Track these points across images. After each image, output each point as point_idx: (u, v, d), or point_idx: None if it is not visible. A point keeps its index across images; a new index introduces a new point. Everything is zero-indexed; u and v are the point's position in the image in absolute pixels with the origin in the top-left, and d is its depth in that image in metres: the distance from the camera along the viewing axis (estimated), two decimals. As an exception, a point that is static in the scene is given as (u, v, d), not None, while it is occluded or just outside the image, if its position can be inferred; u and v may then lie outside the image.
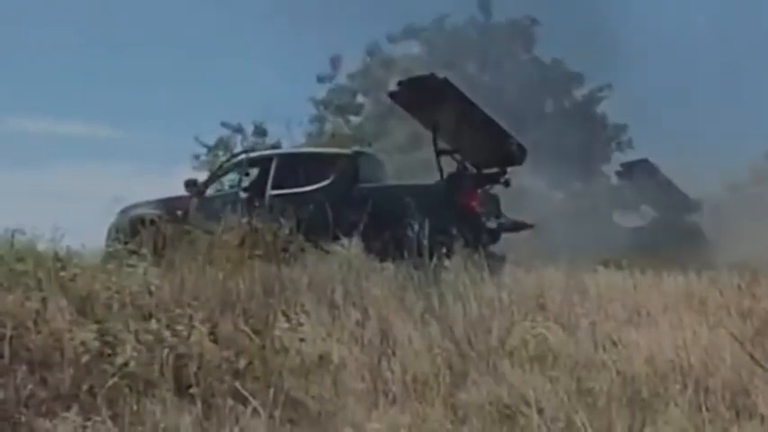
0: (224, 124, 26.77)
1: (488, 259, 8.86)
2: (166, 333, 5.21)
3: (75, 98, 34.95)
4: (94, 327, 5.19)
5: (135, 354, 4.99)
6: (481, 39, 29.51)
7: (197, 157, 26.38)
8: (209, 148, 26.40)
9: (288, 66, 35.82)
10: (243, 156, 13.91)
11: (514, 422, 4.49)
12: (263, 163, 12.92)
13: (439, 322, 5.92)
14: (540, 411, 4.34)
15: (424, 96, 11.79)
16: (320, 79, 28.48)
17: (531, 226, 13.46)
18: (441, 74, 12.12)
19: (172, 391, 4.76)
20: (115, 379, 4.71)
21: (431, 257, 7.82)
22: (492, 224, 11.70)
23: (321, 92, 28.61)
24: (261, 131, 26.48)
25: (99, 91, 35.11)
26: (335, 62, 28.47)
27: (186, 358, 5.06)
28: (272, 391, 4.69)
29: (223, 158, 20.09)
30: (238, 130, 26.88)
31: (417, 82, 12.31)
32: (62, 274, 5.97)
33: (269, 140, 25.85)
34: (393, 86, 12.58)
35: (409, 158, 21.25)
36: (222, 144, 26.50)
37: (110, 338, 5.09)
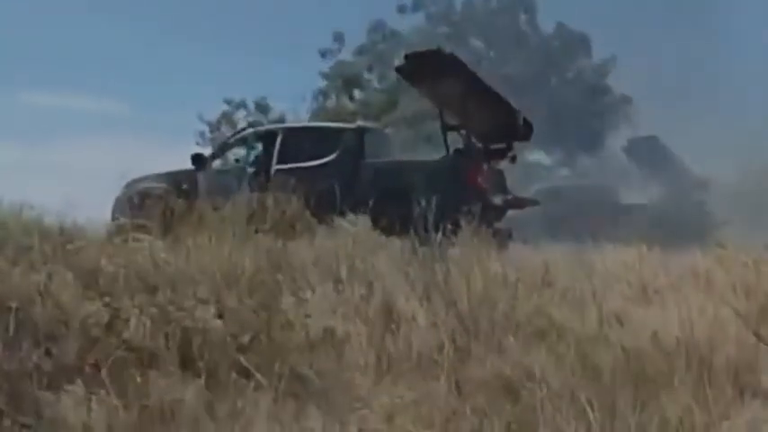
0: (227, 101, 26.74)
1: (494, 235, 8.86)
2: (171, 307, 5.22)
3: (82, 73, 34.92)
4: (100, 300, 5.19)
5: (140, 328, 5.00)
6: (485, 12, 29.39)
7: (201, 134, 26.38)
8: (212, 126, 26.40)
9: (293, 41, 35.71)
10: (249, 130, 13.92)
11: (519, 398, 4.50)
12: (269, 137, 12.93)
13: (444, 298, 5.91)
14: (545, 387, 4.34)
15: (430, 71, 11.77)
16: (322, 54, 28.39)
17: (536, 202, 13.46)
18: (447, 48, 12.10)
19: (176, 364, 4.77)
20: (120, 352, 4.72)
21: (436, 233, 7.81)
22: (498, 200, 11.70)
23: (325, 67, 28.54)
24: (263, 107, 26.44)
25: (107, 66, 35.08)
26: (339, 37, 28.37)
27: (191, 332, 5.07)
28: (276, 365, 4.70)
29: (228, 133, 20.08)
30: (241, 105, 26.83)
31: (424, 56, 12.27)
32: (68, 247, 5.97)
33: (272, 116, 25.81)
34: (400, 60, 12.56)
35: (416, 133, 21.22)
36: (226, 119, 26.48)
37: (115, 312, 5.11)
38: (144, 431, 4.16)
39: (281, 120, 23.91)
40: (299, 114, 25.46)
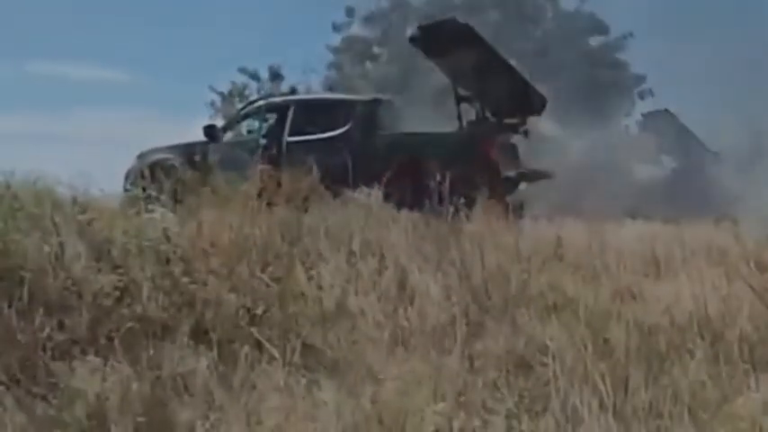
0: (241, 70, 26.68)
1: (507, 209, 8.83)
2: (184, 279, 5.22)
3: (93, 43, 34.84)
4: (112, 272, 5.20)
5: (153, 299, 5.01)
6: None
7: (212, 103, 26.38)
8: (224, 96, 26.39)
9: (305, 14, 35.62)
10: (261, 102, 13.87)
11: (531, 372, 4.49)
12: (281, 109, 12.87)
13: (457, 271, 5.90)
14: (557, 361, 4.33)
15: (444, 42, 11.69)
16: (336, 27, 28.35)
17: (550, 176, 13.40)
18: (462, 19, 12.02)
19: (188, 336, 4.78)
20: (133, 324, 4.73)
21: (450, 206, 7.79)
22: (510, 173, 11.64)
23: (337, 41, 28.52)
24: (276, 75, 26.36)
25: (117, 35, 35.05)
26: (350, 12, 28.31)
27: (203, 304, 5.08)
28: (289, 338, 4.70)
29: (240, 105, 20.05)
30: (254, 76, 26.78)
31: (438, 26, 12.19)
32: (80, 218, 5.96)
33: (284, 87, 25.77)
34: (414, 31, 12.49)
35: (429, 105, 21.11)
36: (237, 91, 26.45)
37: (127, 283, 5.11)
38: (157, 402, 4.17)
39: (293, 92, 23.84)
40: (310, 87, 25.44)
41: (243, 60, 27.15)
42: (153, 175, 9.71)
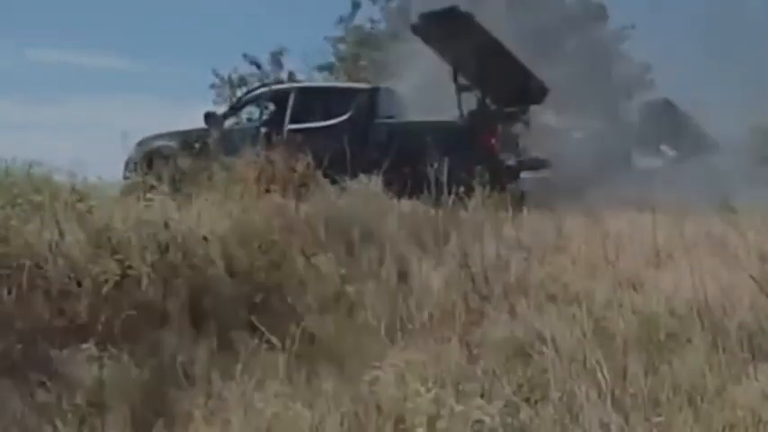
0: (245, 56, 26.63)
1: (507, 198, 8.82)
2: (183, 266, 5.22)
3: (93, 30, 34.74)
4: (111, 259, 5.20)
5: (151, 286, 5.01)
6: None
7: (212, 86, 26.31)
8: (224, 81, 26.32)
9: (308, 8, 35.50)
10: (262, 89, 13.87)
11: (530, 360, 4.49)
12: (282, 96, 12.87)
13: (456, 260, 5.90)
14: (557, 350, 4.33)
15: (445, 30, 11.67)
16: (341, 20, 28.34)
17: (550, 165, 13.39)
18: (463, 7, 11.98)
19: (188, 324, 4.78)
20: (132, 311, 4.73)
21: (449, 195, 7.78)
22: (511, 162, 11.64)
23: (340, 33, 28.49)
24: (277, 61, 26.27)
25: (117, 22, 34.95)
26: (356, 5, 28.29)
27: (202, 292, 5.08)
28: (288, 326, 4.70)
29: (241, 92, 20.01)
30: (256, 63, 26.72)
31: (439, 15, 12.17)
32: (79, 205, 5.96)
33: (284, 74, 25.69)
34: (415, 19, 12.47)
35: (430, 93, 21.05)
36: (240, 78, 26.39)
37: (127, 271, 5.11)
38: (156, 389, 4.18)
39: (293, 79, 23.80)
40: (311, 74, 25.39)
41: (244, 50, 27.06)
42: (153, 162, 9.70)
